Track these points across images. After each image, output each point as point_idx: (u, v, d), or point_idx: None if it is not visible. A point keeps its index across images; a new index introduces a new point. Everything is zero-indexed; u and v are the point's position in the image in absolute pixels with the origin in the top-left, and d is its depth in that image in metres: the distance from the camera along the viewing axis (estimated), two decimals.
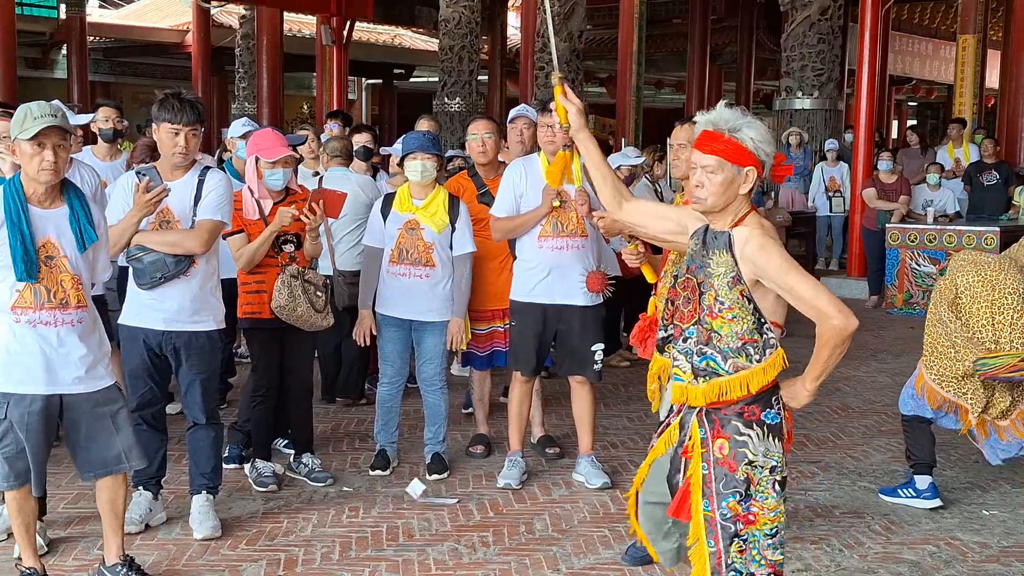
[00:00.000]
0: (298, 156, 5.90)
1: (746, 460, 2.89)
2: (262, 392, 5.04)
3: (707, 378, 2.92)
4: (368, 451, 5.61)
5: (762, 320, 2.92)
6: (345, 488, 5.10)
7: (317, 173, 6.67)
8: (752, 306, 2.91)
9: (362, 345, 5.45)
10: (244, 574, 4.10)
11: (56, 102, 5.39)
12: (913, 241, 10.64)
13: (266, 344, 5.01)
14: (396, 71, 25.64)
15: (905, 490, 4.99)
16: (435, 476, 5.22)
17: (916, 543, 4.54)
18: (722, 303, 2.89)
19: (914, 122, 29.96)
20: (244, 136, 5.87)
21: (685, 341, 2.99)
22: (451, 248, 5.20)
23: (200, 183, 4.34)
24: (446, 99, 16.60)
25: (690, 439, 2.99)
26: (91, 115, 6.19)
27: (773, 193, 13.28)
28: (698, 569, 2.94)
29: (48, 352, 3.64)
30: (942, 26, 23.55)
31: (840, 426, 6.44)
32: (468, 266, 5.26)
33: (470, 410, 6.13)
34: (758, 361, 2.90)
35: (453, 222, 5.18)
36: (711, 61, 20.99)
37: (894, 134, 25.57)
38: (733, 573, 2.89)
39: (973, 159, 12.89)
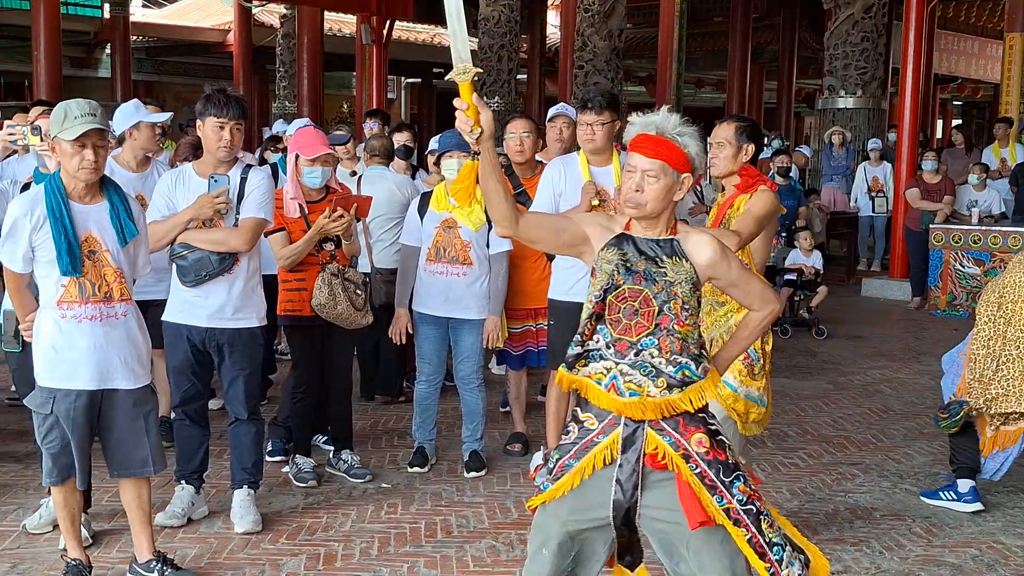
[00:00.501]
0: (337, 156, 5.93)
1: (726, 444, 2.90)
2: (303, 389, 5.08)
3: (682, 388, 2.84)
4: (406, 448, 5.64)
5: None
6: (384, 484, 5.13)
7: (355, 173, 6.72)
8: (699, 308, 2.97)
9: (398, 343, 5.49)
10: (284, 568, 4.14)
11: (136, 101, 5.45)
12: (957, 242, 10.48)
13: (306, 341, 5.05)
14: (435, 70, 25.69)
15: (946, 492, 4.94)
16: (473, 474, 5.24)
17: (958, 546, 4.49)
18: (688, 310, 2.87)
19: (959, 121, 29.53)
20: None
21: (638, 355, 2.85)
22: (488, 246, 5.22)
23: (243, 181, 4.38)
24: (485, 98, 16.59)
25: (654, 450, 2.86)
26: (168, 114, 6.23)
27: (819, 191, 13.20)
28: (750, 560, 2.88)
29: (94, 347, 3.69)
30: (988, 24, 23.19)
31: (881, 428, 6.38)
32: (504, 264, 5.28)
33: (507, 408, 6.15)
34: (710, 361, 2.95)
35: (489, 220, 5.20)
36: (752, 60, 20.82)
37: (939, 134, 25.25)
38: (776, 548, 2.85)
39: (1020, 159, 12.68)
